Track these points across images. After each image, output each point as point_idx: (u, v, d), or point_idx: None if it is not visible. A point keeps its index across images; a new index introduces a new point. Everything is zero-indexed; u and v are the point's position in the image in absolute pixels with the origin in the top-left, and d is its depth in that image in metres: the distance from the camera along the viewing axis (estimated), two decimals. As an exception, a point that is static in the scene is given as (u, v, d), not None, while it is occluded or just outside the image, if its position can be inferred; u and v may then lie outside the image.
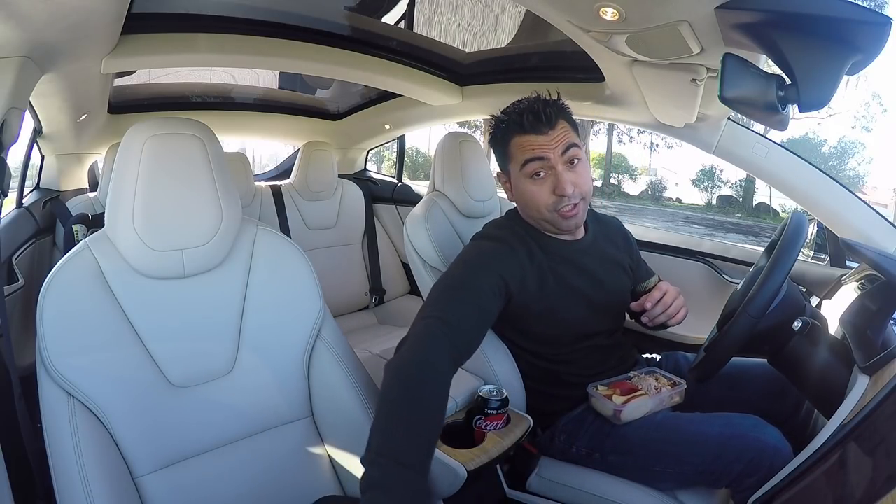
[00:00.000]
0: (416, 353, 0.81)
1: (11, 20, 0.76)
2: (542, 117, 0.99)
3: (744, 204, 15.44)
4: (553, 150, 0.99)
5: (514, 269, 1.00)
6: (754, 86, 0.71)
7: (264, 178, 2.62)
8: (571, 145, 1.00)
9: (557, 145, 0.99)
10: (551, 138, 1.00)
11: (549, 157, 1.00)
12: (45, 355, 0.71)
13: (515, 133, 1.03)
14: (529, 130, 1.00)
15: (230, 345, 0.85)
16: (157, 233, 0.77)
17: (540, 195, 1.02)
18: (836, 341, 0.93)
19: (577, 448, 1.05)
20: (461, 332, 0.87)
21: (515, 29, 1.52)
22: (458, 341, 0.85)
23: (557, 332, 1.06)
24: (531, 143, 1.01)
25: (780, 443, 0.90)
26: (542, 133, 1.00)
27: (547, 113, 1.00)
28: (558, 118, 1.01)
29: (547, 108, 1.00)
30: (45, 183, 1.79)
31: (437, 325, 0.85)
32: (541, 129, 1.00)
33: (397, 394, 0.76)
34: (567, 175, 0.99)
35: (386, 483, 0.65)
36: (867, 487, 0.59)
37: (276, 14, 1.44)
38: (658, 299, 0.99)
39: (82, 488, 0.66)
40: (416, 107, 1.96)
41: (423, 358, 0.80)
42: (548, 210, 1.02)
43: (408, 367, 0.79)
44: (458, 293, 0.92)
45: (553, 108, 1.01)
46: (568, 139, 1.00)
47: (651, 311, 1.00)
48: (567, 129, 1.01)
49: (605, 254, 1.12)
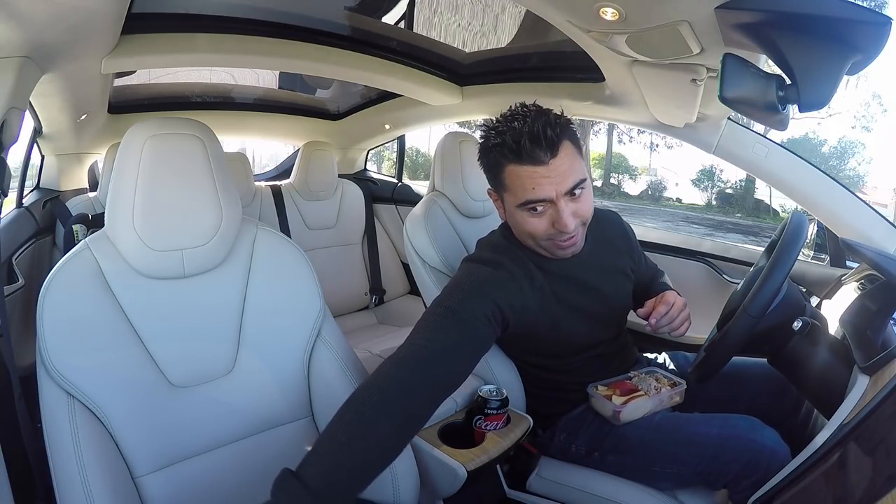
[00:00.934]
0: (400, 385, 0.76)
1: (11, 20, 0.76)
2: (541, 143, 0.86)
3: (744, 204, 15.44)
4: (556, 186, 0.88)
5: (514, 296, 0.93)
6: (754, 86, 0.71)
7: (264, 178, 2.62)
8: (577, 184, 0.89)
9: (561, 181, 0.88)
10: (552, 169, 0.87)
11: (550, 198, 0.89)
12: (45, 355, 0.71)
13: (511, 161, 0.90)
14: (527, 161, 0.87)
15: (230, 345, 0.85)
16: (157, 233, 0.77)
17: (537, 227, 0.93)
18: (836, 341, 0.93)
19: (577, 448, 1.05)
20: (451, 367, 0.82)
21: (515, 29, 1.52)
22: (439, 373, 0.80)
23: (560, 347, 1.05)
24: (530, 177, 0.88)
25: (778, 444, 0.90)
26: (542, 164, 0.87)
27: (548, 137, 0.86)
28: (561, 140, 0.88)
29: (548, 129, 0.86)
30: (45, 183, 1.79)
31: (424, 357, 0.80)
32: (541, 158, 0.87)
33: (343, 410, 0.72)
34: (568, 208, 0.89)
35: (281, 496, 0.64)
36: (867, 487, 0.59)
37: (276, 14, 1.44)
38: (664, 314, 0.96)
39: (82, 488, 0.66)
40: (416, 107, 1.96)
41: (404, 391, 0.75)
42: (543, 240, 0.94)
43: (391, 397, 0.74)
44: (449, 321, 0.85)
45: (555, 130, 0.87)
46: (573, 176, 0.88)
47: (656, 323, 0.97)
48: (571, 155, 0.89)
49: (604, 263, 1.07)
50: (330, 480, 0.66)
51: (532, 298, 0.96)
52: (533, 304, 0.96)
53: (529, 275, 0.98)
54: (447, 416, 1.04)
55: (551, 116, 0.90)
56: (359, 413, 0.72)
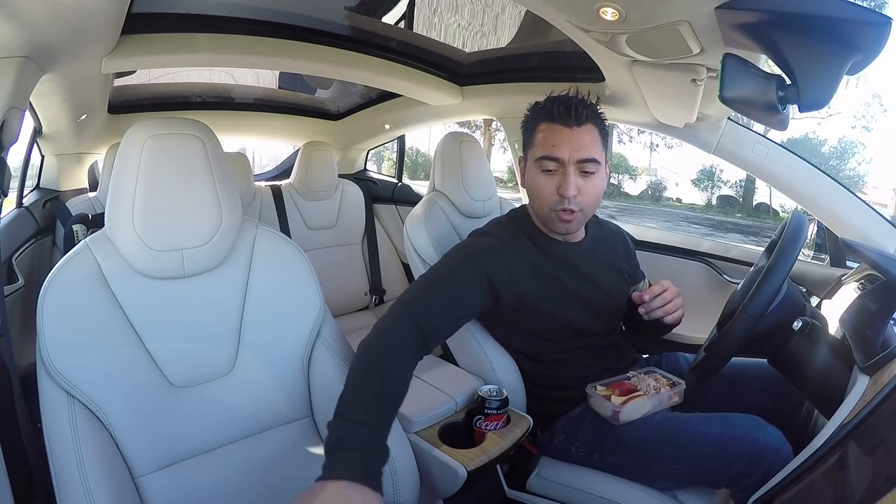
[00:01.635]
0: (383, 332, 0.88)
1: (11, 20, 0.76)
2: (570, 111, 0.99)
3: (744, 204, 15.44)
4: (571, 150, 0.99)
5: (501, 266, 1.00)
6: (754, 86, 0.71)
7: (264, 178, 2.62)
8: (590, 160, 0.99)
9: (577, 148, 0.98)
10: (574, 136, 0.99)
11: (563, 160, 0.99)
12: (45, 355, 0.70)
13: (543, 119, 1.02)
14: (556, 119, 1.00)
15: (230, 345, 0.85)
16: (157, 233, 0.77)
17: (544, 189, 1.02)
18: (836, 341, 0.93)
19: (577, 448, 1.05)
20: (430, 320, 0.91)
21: (515, 29, 1.52)
22: (425, 328, 0.90)
23: (551, 329, 1.07)
24: (553, 134, 1.00)
25: (780, 443, 0.90)
26: (567, 126, 0.99)
27: (578, 110, 0.99)
28: (588, 119, 1.00)
29: (580, 105, 0.99)
30: (45, 183, 1.79)
31: (408, 311, 0.90)
32: (567, 121, 0.99)
33: (359, 364, 0.83)
34: (575, 179, 0.99)
35: (344, 441, 0.72)
36: (867, 487, 0.59)
37: (276, 14, 1.44)
38: (658, 294, 1.00)
39: (82, 488, 0.66)
40: (416, 107, 1.96)
41: (387, 336, 0.87)
42: (549, 206, 1.02)
43: (372, 343, 0.86)
44: (438, 283, 0.95)
45: (586, 109, 1.00)
46: (589, 151, 0.99)
47: (649, 304, 1.00)
48: (593, 135, 1.00)
49: (603, 258, 1.13)
50: (378, 416, 0.77)
51: (520, 271, 1.02)
52: (521, 277, 1.02)
53: (524, 250, 1.05)
54: (447, 416, 1.05)
55: (585, 99, 1.02)
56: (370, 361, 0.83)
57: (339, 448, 0.71)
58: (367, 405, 0.77)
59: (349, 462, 0.69)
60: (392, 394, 0.81)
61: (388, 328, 0.88)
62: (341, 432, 0.73)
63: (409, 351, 0.87)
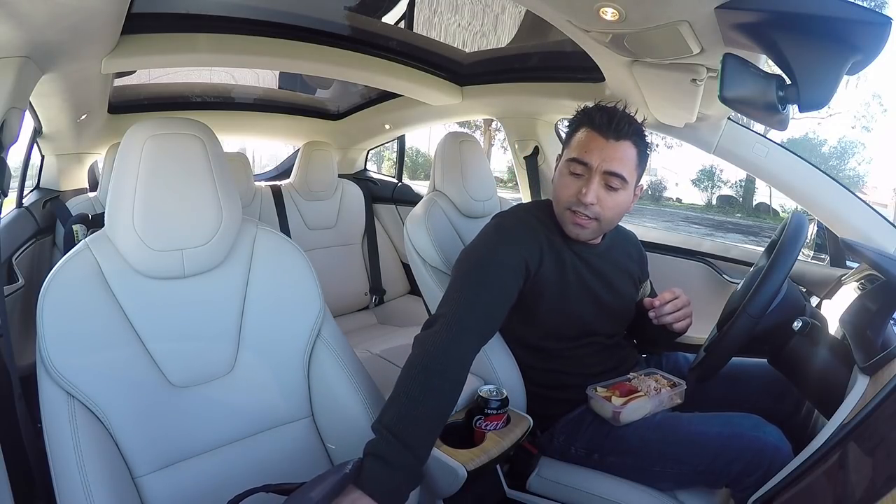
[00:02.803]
0: (445, 340, 0.87)
1: (11, 20, 0.76)
2: (612, 124, 0.98)
3: (744, 204, 15.44)
4: (601, 160, 0.98)
5: (534, 250, 1.02)
6: (754, 86, 0.71)
7: (264, 178, 2.62)
8: (617, 174, 0.98)
9: (608, 160, 0.98)
10: (609, 147, 0.98)
11: (591, 166, 0.99)
12: (45, 355, 0.70)
13: (585, 124, 1.03)
14: (596, 128, 1.00)
15: (230, 345, 0.85)
16: (156, 233, 0.77)
17: (567, 189, 1.02)
18: (836, 341, 0.93)
19: (577, 449, 1.05)
20: (487, 317, 0.93)
21: (515, 29, 1.52)
22: (484, 327, 0.93)
23: (562, 324, 1.07)
24: (589, 141, 1.00)
25: (781, 442, 0.90)
26: (605, 137, 0.99)
27: (620, 124, 0.98)
28: (628, 136, 0.99)
29: (623, 120, 0.99)
30: (45, 183, 1.79)
31: (467, 312, 0.91)
32: (606, 133, 0.99)
33: (418, 373, 0.83)
34: (596, 189, 0.99)
35: (387, 457, 0.75)
36: (867, 487, 0.59)
37: (276, 14, 1.44)
38: (668, 300, 1.02)
39: (82, 488, 0.66)
40: (416, 107, 1.96)
41: (449, 347, 0.86)
42: (565, 205, 1.03)
43: (434, 351, 0.85)
44: (484, 274, 0.96)
45: (628, 125, 0.99)
46: (619, 166, 0.98)
47: (660, 308, 1.01)
48: (628, 152, 0.99)
49: (618, 262, 1.15)
50: (426, 442, 0.80)
51: (549, 258, 1.04)
52: (551, 266, 1.04)
53: (550, 238, 1.06)
54: (447, 416, 1.04)
55: (631, 118, 1.02)
56: (429, 374, 0.83)
57: (380, 460, 0.75)
58: (418, 427, 0.79)
59: (384, 479, 0.74)
60: (444, 417, 0.84)
61: (449, 338, 0.87)
62: (387, 447, 0.76)
63: (467, 367, 0.89)
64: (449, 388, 0.85)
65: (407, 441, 0.76)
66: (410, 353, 0.87)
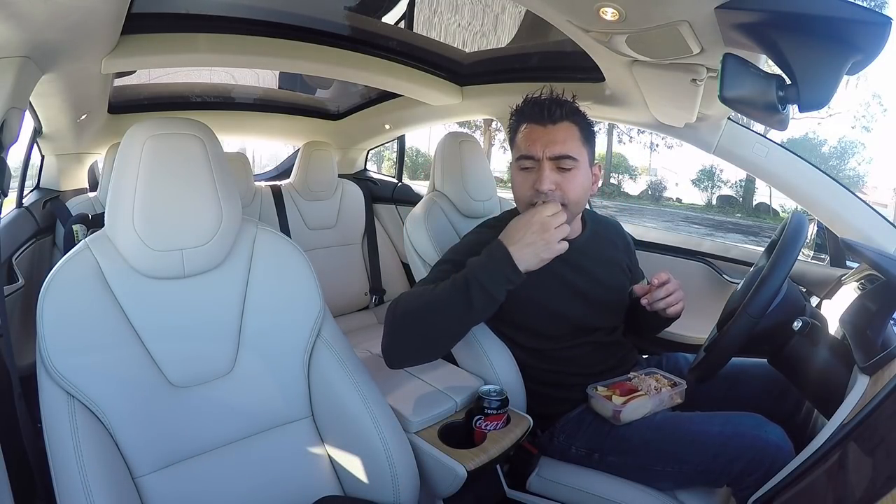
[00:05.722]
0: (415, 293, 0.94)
1: (11, 20, 0.76)
2: (544, 111, 1.00)
3: (744, 204, 15.45)
4: (545, 147, 0.99)
5: None
6: (754, 86, 0.71)
7: (264, 178, 2.62)
8: (564, 156, 0.99)
9: (551, 145, 0.99)
10: (548, 133, 1.00)
11: (537, 157, 1.00)
12: (45, 355, 0.70)
13: (521, 121, 1.05)
14: (531, 120, 1.02)
15: (230, 345, 0.85)
16: (156, 233, 0.77)
17: (522, 187, 1.03)
18: (836, 341, 0.93)
19: (577, 449, 1.05)
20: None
21: (515, 29, 1.52)
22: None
23: (554, 326, 1.07)
24: (528, 134, 1.02)
25: (782, 441, 0.90)
26: (542, 124, 1.01)
27: (551, 108, 1.00)
28: (563, 117, 1.01)
29: (553, 104, 1.01)
30: (45, 183, 1.79)
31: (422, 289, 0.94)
32: (541, 120, 1.01)
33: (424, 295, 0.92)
34: (550, 175, 0.99)
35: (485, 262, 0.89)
36: (867, 487, 0.59)
37: (276, 14, 1.43)
38: (660, 283, 1.00)
39: (82, 488, 0.66)
40: (416, 107, 1.96)
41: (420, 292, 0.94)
42: (525, 202, 1.03)
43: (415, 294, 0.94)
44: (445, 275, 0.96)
45: (560, 108, 1.01)
46: (563, 147, 0.99)
47: (654, 293, 1.00)
48: (569, 131, 1.01)
49: (602, 253, 1.14)
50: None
51: None
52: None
53: None
54: (447, 416, 1.04)
55: (562, 100, 1.03)
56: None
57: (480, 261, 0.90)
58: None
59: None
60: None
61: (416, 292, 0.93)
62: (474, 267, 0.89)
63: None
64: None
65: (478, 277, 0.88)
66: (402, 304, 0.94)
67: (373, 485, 0.85)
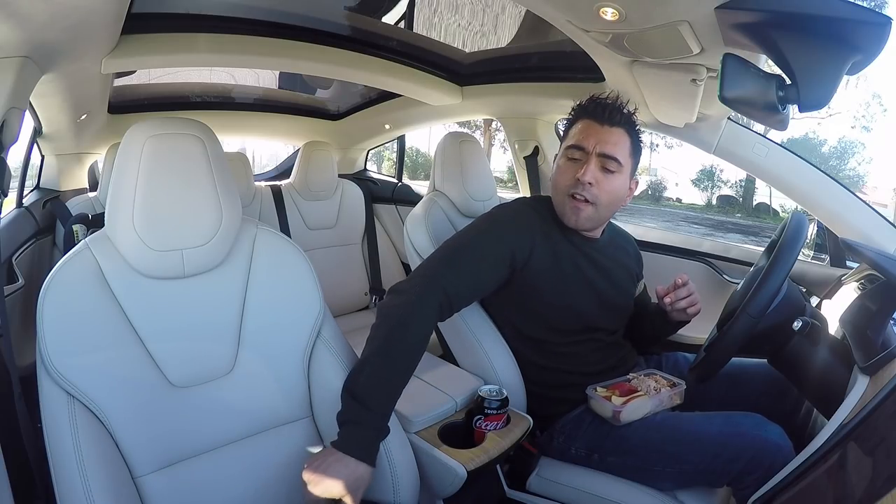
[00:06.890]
0: (406, 310, 0.91)
1: (11, 20, 0.76)
2: (605, 112, 1.04)
3: (744, 204, 15.45)
4: (597, 143, 1.03)
5: (524, 243, 1.03)
6: (754, 86, 0.71)
7: (264, 178, 2.62)
8: (612, 157, 1.03)
9: (603, 144, 1.03)
10: (602, 132, 1.03)
11: (588, 149, 1.03)
12: (45, 355, 0.70)
13: (580, 116, 1.08)
14: (591, 116, 1.05)
15: (230, 345, 0.85)
16: (157, 233, 0.77)
17: (565, 174, 1.06)
18: (836, 341, 0.93)
19: (577, 449, 1.05)
20: (453, 296, 0.95)
21: (515, 29, 1.52)
22: (445, 301, 0.94)
23: (563, 317, 1.07)
24: (584, 129, 1.05)
25: (782, 440, 0.90)
26: (599, 122, 1.04)
27: (612, 112, 1.04)
28: (620, 123, 1.04)
29: (614, 109, 1.04)
30: (45, 183, 1.79)
31: (432, 287, 0.94)
32: (600, 119, 1.04)
33: (379, 343, 0.89)
34: (594, 170, 1.03)
35: (357, 419, 0.82)
36: (867, 487, 0.59)
37: (276, 14, 1.44)
38: (686, 281, 1.05)
39: (82, 488, 0.66)
40: (416, 107, 1.96)
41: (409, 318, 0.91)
42: (564, 191, 1.05)
43: (395, 319, 0.90)
44: (460, 254, 0.99)
45: (619, 113, 1.04)
46: (614, 149, 1.03)
47: (677, 292, 1.04)
48: (622, 138, 1.04)
49: (617, 258, 1.17)
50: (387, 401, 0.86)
51: (543, 250, 1.05)
52: (545, 258, 1.05)
53: (547, 231, 1.08)
54: (447, 416, 1.05)
55: (622, 106, 1.06)
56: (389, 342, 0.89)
57: (350, 423, 0.83)
58: (380, 390, 0.85)
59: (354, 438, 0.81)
60: (404, 379, 0.89)
61: (410, 308, 0.91)
62: (354, 413, 0.83)
63: (429, 326, 0.93)
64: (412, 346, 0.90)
65: (369, 403, 0.83)
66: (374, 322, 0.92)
67: (373, 485, 0.85)
